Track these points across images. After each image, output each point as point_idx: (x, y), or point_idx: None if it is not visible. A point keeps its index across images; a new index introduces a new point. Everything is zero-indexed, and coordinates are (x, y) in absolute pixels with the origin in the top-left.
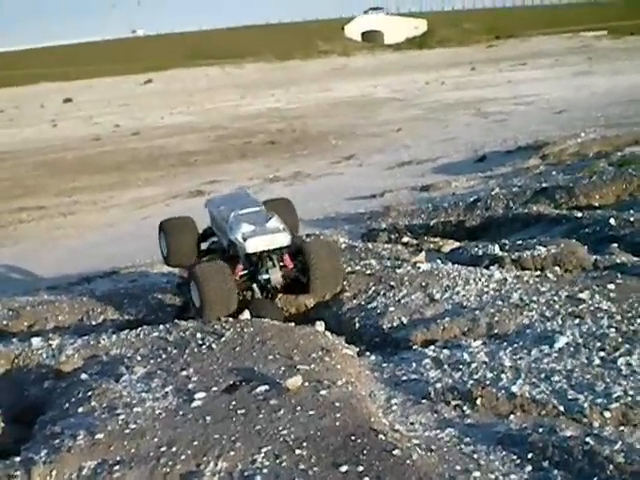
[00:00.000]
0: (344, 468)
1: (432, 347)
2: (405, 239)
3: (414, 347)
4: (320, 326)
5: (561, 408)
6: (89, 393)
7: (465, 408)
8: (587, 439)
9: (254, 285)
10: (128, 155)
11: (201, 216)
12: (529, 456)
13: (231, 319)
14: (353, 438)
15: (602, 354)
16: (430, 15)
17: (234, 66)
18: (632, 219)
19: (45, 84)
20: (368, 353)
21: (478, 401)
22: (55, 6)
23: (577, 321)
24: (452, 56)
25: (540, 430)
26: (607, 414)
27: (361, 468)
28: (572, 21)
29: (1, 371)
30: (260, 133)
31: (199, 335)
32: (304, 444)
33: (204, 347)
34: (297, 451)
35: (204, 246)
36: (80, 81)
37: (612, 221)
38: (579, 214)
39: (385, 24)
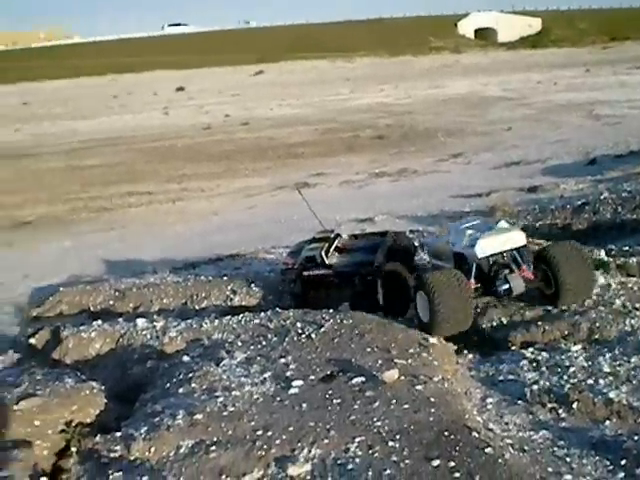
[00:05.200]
0: (436, 462)
1: (530, 349)
2: None
3: (512, 348)
4: None
5: None
6: (190, 375)
7: (561, 411)
8: None
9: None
10: (237, 145)
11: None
12: (622, 462)
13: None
14: (446, 434)
15: None
16: (545, 14)
17: (345, 60)
18: None
19: (159, 72)
20: (466, 351)
21: (574, 405)
22: None
23: None
24: (566, 56)
25: (635, 437)
26: None
27: (453, 463)
28: None
29: (106, 349)
30: (368, 128)
31: (299, 324)
32: (397, 436)
33: (303, 336)
34: (390, 443)
35: None
36: (193, 70)
37: None
38: None
39: (499, 22)
